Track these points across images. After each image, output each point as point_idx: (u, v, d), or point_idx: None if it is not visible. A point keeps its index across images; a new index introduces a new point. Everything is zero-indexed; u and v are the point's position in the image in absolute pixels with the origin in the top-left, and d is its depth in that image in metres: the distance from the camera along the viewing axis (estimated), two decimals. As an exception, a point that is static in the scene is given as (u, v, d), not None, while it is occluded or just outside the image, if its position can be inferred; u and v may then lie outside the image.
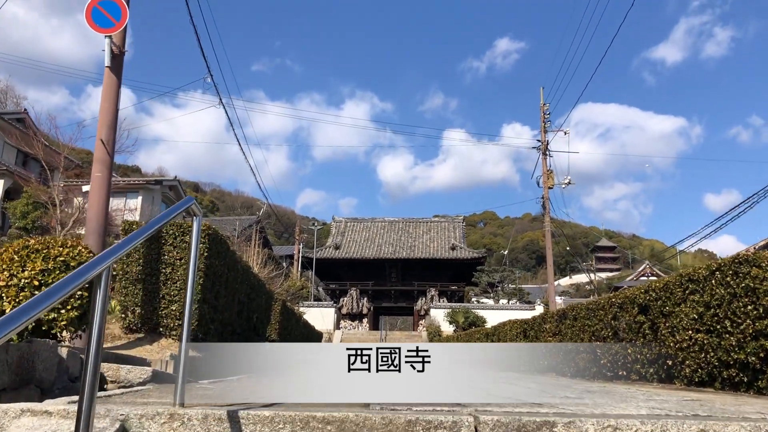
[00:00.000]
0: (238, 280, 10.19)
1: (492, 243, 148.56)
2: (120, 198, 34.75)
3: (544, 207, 33.67)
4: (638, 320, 8.40)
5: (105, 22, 7.28)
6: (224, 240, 9.06)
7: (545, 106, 34.26)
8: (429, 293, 45.96)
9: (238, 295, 10.33)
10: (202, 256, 8.12)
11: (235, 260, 9.91)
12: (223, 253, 9.01)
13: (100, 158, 7.42)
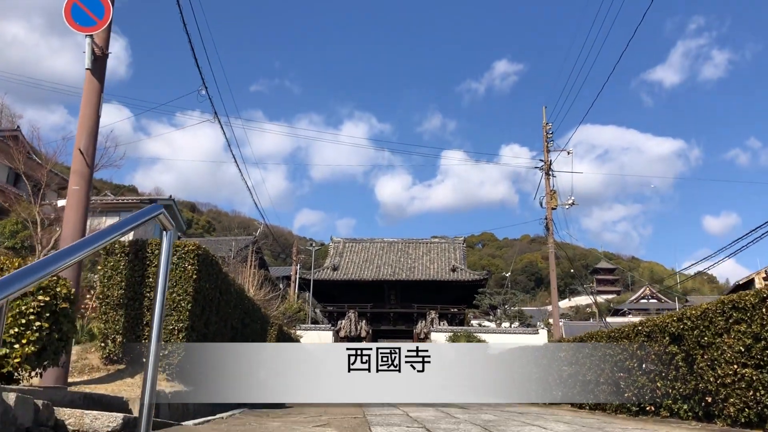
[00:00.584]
0: (231, 304, 9.43)
1: (490, 264, 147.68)
2: (113, 217, 33.94)
3: (548, 228, 32.95)
4: (670, 351, 7.64)
5: (86, 20, 6.61)
6: (216, 261, 8.31)
7: (548, 125, 33.70)
8: (429, 316, 45.02)
9: (231, 320, 9.56)
10: (190, 279, 7.38)
11: (228, 283, 9.14)
12: (214, 276, 8.26)
13: (78, 170, 6.70)
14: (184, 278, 7.38)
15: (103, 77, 7.02)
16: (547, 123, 33.56)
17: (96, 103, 6.84)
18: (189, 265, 7.41)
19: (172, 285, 7.35)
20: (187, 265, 7.41)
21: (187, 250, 7.45)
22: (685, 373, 7.29)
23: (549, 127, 33.48)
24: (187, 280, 7.36)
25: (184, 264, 7.42)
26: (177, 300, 7.31)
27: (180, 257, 7.45)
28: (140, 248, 7.47)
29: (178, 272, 7.40)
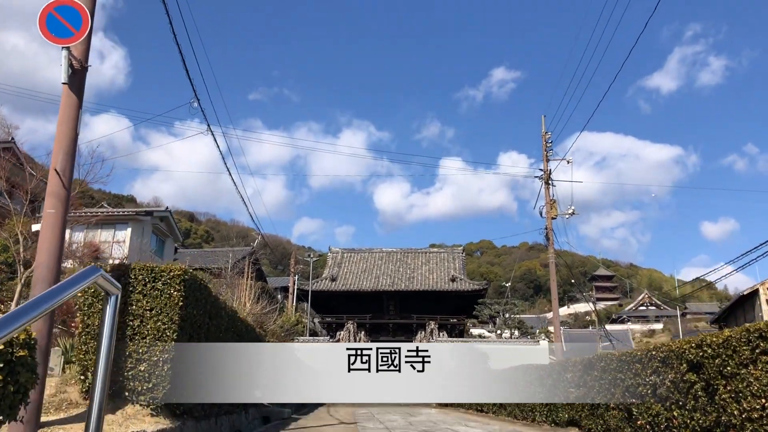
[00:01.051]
0: (222, 328, 8.95)
1: (489, 272, 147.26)
2: (109, 229, 33.49)
3: (548, 238, 32.53)
4: (688, 379, 7.16)
5: (62, 31, 6.17)
6: (204, 286, 7.84)
7: (547, 134, 33.32)
8: (428, 326, 44.51)
9: (225, 341, 9.07)
10: (176, 306, 6.91)
11: (218, 307, 8.67)
12: (203, 301, 7.78)
13: (55, 192, 6.23)
14: (169, 305, 6.90)
15: (81, 92, 6.57)
16: (547, 132, 33.18)
17: (74, 120, 6.39)
18: (175, 291, 6.94)
19: (156, 313, 6.89)
20: (173, 291, 6.94)
21: (173, 275, 6.98)
22: (705, 404, 6.82)
23: (548, 136, 33.08)
24: (172, 307, 6.89)
25: (170, 290, 6.95)
26: (162, 329, 6.84)
27: (165, 283, 6.98)
28: (123, 273, 7.00)
29: (163, 299, 6.93)
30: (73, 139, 6.37)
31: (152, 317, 6.88)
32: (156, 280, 6.98)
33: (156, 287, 6.96)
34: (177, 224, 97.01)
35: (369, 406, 28.95)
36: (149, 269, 7.00)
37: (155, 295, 6.94)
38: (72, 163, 6.43)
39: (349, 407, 29.28)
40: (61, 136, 6.33)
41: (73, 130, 6.37)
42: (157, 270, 6.99)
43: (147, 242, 33.66)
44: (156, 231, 36.06)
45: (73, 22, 6.18)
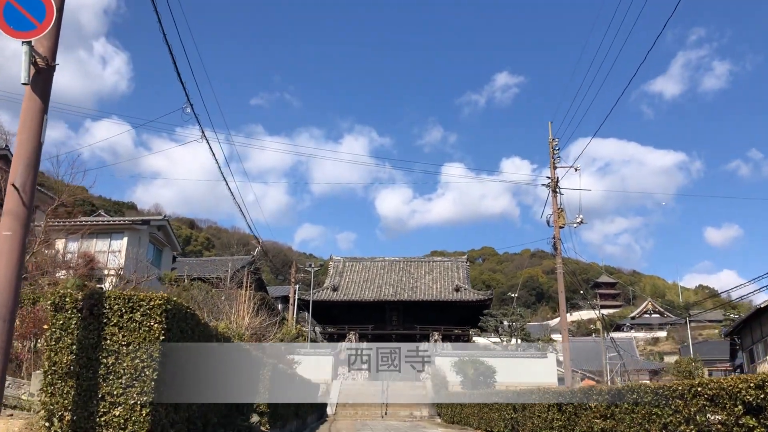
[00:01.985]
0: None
1: (491, 279, 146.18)
2: (104, 239, 32.63)
3: (555, 248, 31.57)
4: (744, 423, 6.24)
5: (22, 23, 5.29)
6: (191, 314, 6.92)
7: (554, 141, 32.43)
8: (432, 337, 43.53)
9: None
10: (156, 341, 5.99)
11: (208, 335, 7.76)
12: (189, 331, 6.87)
13: (13, 210, 5.32)
14: (148, 339, 5.99)
15: (47, 94, 5.68)
16: (554, 138, 32.30)
17: (37, 126, 5.50)
18: (155, 324, 6.03)
19: (133, 349, 5.98)
20: (153, 324, 6.02)
21: (153, 305, 6.07)
22: (767, 454, 5.92)
23: (555, 142, 32.20)
24: (152, 341, 5.97)
25: (149, 322, 6.03)
26: (139, 367, 5.92)
27: (144, 314, 6.07)
28: (96, 303, 6.09)
29: (141, 333, 6.02)
30: (35, 149, 5.48)
31: (129, 353, 5.97)
32: (134, 311, 6.07)
33: (134, 319, 6.05)
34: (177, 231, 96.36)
35: (371, 419, 28.04)
36: (126, 298, 6.09)
37: (133, 328, 6.03)
38: (34, 176, 5.53)
39: (349, 422, 28.34)
40: (22, 146, 5.45)
41: (36, 138, 5.48)
42: (135, 299, 6.08)
43: (144, 252, 32.79)
44: (153, 240, 35.20)
45: (35, 13, 5.31)
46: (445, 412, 27.52)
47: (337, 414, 30.69)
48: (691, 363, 39.35)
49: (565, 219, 31.64)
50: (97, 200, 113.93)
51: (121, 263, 30.32)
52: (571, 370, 31.36)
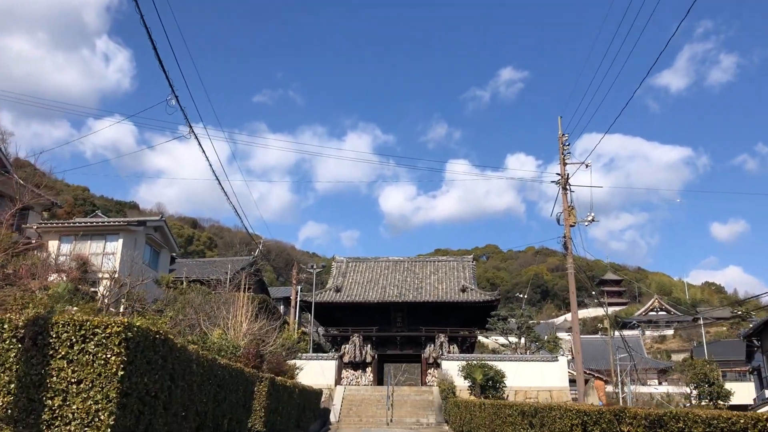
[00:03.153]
0: (195, 386, 6.91)
1: (495, 277, 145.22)
2: (99, 241, 31.56)
3: (566, 247, 30.36)
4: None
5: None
6: (164, 341, 5.78)
7: (564, 136, 31.23)
8: (438, 339, 42.37)
9: (196, 405, 7.04)
10: (114, 377, 4.86)
11: (186, 360, 6.62)
12: (160, 361, 5.73)
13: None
14: (104, 376, 4.87)
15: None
16: (564, 134, 31.14)
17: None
18: (112, 356, 4.90)
19: (86, 388, 4.85)
20: (110, 356, 4.90)
21: (110, 333, 4.94)
22: None
23: (565, 138, 31.02)
24: (109, 378, 4.85)
25: (105, 354, 4.91)
26: (93, 410, 4.80)
27: (99, 344, 4.94)
28: (40, 330, 4.97)
29: (96, 367, 4.90)
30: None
31: (80, 393, 4.84)
32: (86, 340, 4.95)
33: (86, 350, 4.93)
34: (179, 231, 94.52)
35: (375, 427, 27.01)
36: (77, 325, 4.96)
37: (85, 362, 4.91)
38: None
39: (353, 429, 27.28)
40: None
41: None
42: (88, 326, 4.96)
43: (140, 254, 31.71)
44: (150, 242, 34.10)
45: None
46: (453, 420, 26.36)
47: (340, 421, 29.57)
48: (706, 365, 38.09)
49: (576, 217, 30.52)
50: (99, 200, 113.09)
51: (115, 266, 29.21)
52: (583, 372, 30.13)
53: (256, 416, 12.10)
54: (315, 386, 28.68)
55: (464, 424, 23.57)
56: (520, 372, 31.99)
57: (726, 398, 36.38)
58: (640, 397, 52.16)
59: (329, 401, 31.67)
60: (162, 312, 27.02)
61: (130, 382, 5.03)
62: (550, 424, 12.58)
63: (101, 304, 26.51)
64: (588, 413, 10.64)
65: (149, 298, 28.71)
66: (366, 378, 42.61)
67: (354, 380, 42.15)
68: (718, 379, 37.08)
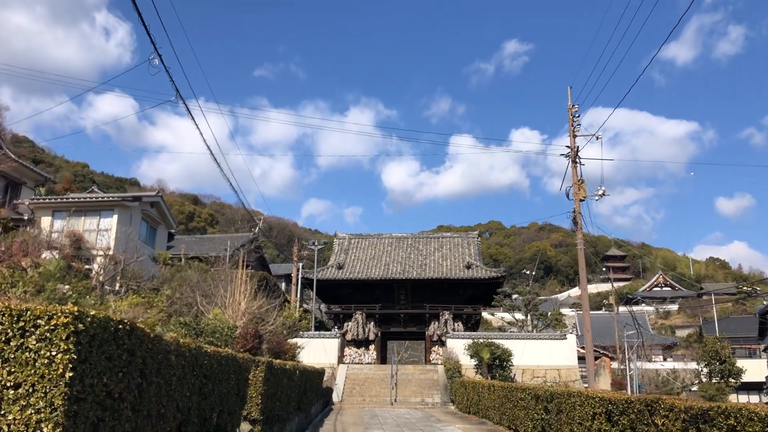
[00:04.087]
0: (175, 379, 5.96)
1: (498, 253, 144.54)
2: (93, 216, 30.60)
3: (575, 222, 29.35)
4: None
5: None
6: (131, 332, 4.79)
7: (574, 107, 30.08)
8: (442, 317, 41.60)
9: (177, 401, 6.10)
10: (60, 379, 3.89)
11: (165, 352, 5.66)
12: (124, 358, 4.74)
13: None
14: (48, 379, 3.89)
15: None
16: (573, 105, 29.98)
17: None
18: (59, 354, 3.92)
19: (25, 393, 3.89)
20: (55, 354, 3.92)
21: (55, 324, 3.96)
22: None
23: (575, 109, 29.88)
24: (54, 381, 3.88)
25: (50, 351, 3.93)
26: (34, 421, 3.84)
27: (42, 338, 3.97)
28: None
29: (38, 368, 3.92)
30: None
31: (17, 400, 3.88)
32: (26, 334, 3.97)
33: (26, 346, 3.95)
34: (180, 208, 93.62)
35: (379, 407, 26.09)
36: (15, 315, 3.98)
37: (24, 361, 3.93)
38: None
39: (357, 410, 26.54)
40: None
41: None
42: (28, 316, 3.97)
43: (135, 230, 30.78)
44: (146, 217, 33.15)
45: None
46: (460, 400, 25.63)
47: (343, 401, 28.90)
48: (717, 342, 37.37)
49: (586, 191, 29.52)
50: (99, 176, 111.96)
51: (110, 243, 28.31)
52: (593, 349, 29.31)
53: (252, 404, 11.22)
54: (317, 365, 27.96)
55: (471, 405, 22.81)
56: (527, 350, 31.23)
57: (738, 376, 35.71)
58: (646, 373, 51.58)
59: (332, 380, 30.99)
60: (158, 290, 26.18)
61: (83, 385, 4.06)
62: (568, 411, 11.69)
63: (95, 282, 25.69)
64: (614, 401, 9.71)
65: (146, 275, 27.82)
66: (369, 356, 41.95)
67: (357, 358, 41.50)
68: (729, 357, 36.37)
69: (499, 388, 17.93)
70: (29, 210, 31.06)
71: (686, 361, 63.80)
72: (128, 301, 21.99)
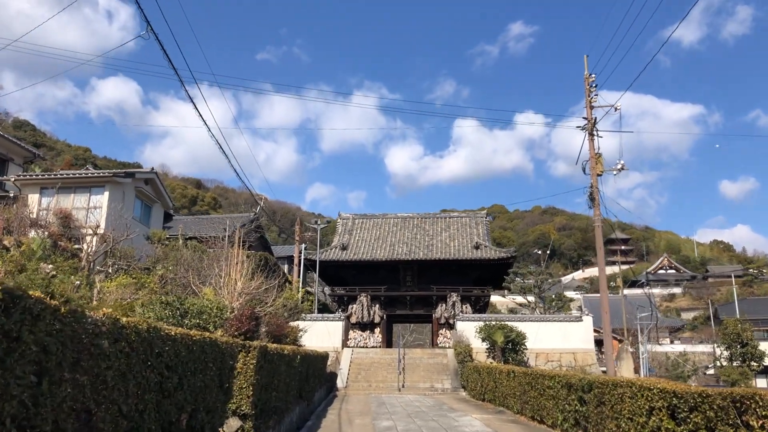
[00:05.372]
0: (110, 373, 4.20)
1: (502, 237, 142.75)
2: (83, 193, 28.86)
3: (593, 198, 27.56)
4: None
5: None
6: (12, 306, 3.00)
7: (591, 76, 28.21)
8: (450, 299, 39.92)
9: (118, 404, 4.35)
10: None
11: (89, 335, 3.89)
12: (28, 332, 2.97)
13: None
14: None
15: None
16: (590, 74, 28.08)
17: None
18: None
19: None
20: None
21: None
22: None
23: (592, 78, 27.99)
24: None
25: None
26: None
27: None
28: None
29: None
30: None
31: None
32: None
33: None
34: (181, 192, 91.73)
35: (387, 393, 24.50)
36: None
37: None
38: None
39: (362, 396, 24.96)
40: None
41: None
42: None
43: (128, 208, 29.06)
44: (140, 195, 31.40)
45: None
46: (472, 386, 23.98)
47: (348, 387, 27.31)
48: (738, 324, 35.65)
49: (603, 166, 27.74)
50: (102, 161, 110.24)
51: (99, 220, 26.59)
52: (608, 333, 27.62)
53: (242, 396, 9.51)
54: (320, 349, 26.39)
55: (486, 391, 21.14)
56: (541, 333, 29.57)
57: (760, 359, 34.05)
58: (655, 356, 50.20)
59: (336, 365, 29.41)
60: (149, 270, 24.52)
61: None
62: (613, 404, 9.93)
63: (84, 261, 23.95)
64: (680, 395, 7.94)
65: (139, 255, 26.21)
66: (374, 339, 40.36)
67: (362, 341, 39.92)
68: (751, 340, 34.66)
69: (521, 375, 16.21)
70: (16, 187, 29.37)
71: (694, 344, 62.36)
72: (117, 282, 20.36)
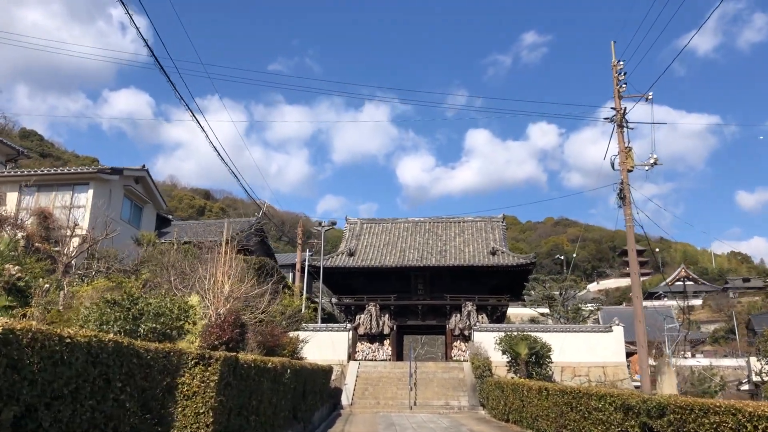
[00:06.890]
0: None
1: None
2: (66, 190, 26.56)
3: (623, 196, 24.88)
4: None
5: None
6: None
7: (619, 64, 25.62)
8: (465, 309, 37.18)
9: None
10: None
11: None
12: None
13: None
14: None
15: None
16: (618, 61, 25.49)
17: None
18: None
19: None
20: None
21: None
22: None
23: (620, 66, 25.38)
24: None
25: None
26: None
27: None
28: None
29: None
30: None
31: None
32: None
33: None
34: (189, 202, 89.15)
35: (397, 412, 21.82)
36: None
37: None
38: None
39: (369, 416, 22.35)
40: None
41: None
42: None
43: (116, 208, 26.75)
44: (130, 195, 29.05)
45: None
46: (494, 405, 21.22)
47: (354, 404, 24.65)
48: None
49: (634, 160, 25.10)
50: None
51: (78, 220, 24.22)
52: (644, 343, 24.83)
53: (197, 425, 6.97)
54: (324, 362, 23.83)
55: (511, 411, 18.40)
56: (566, 345, 26.82)
57: (806, 374, 31.01)
58: (681, 371, 47.16)
59: (341, 379, 26.78)
60: (134, 273, 22.22)
61: None
62: None
63: (60, 263, 21.50)
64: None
65: (128, 258, 23.92)
66: (384, 351, 37.66)
67: (370, 354, 37.24)
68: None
69: (557, 393, 13.49)
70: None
71: (718, 357, 59.38)
72: (93, 285, 18.02)
